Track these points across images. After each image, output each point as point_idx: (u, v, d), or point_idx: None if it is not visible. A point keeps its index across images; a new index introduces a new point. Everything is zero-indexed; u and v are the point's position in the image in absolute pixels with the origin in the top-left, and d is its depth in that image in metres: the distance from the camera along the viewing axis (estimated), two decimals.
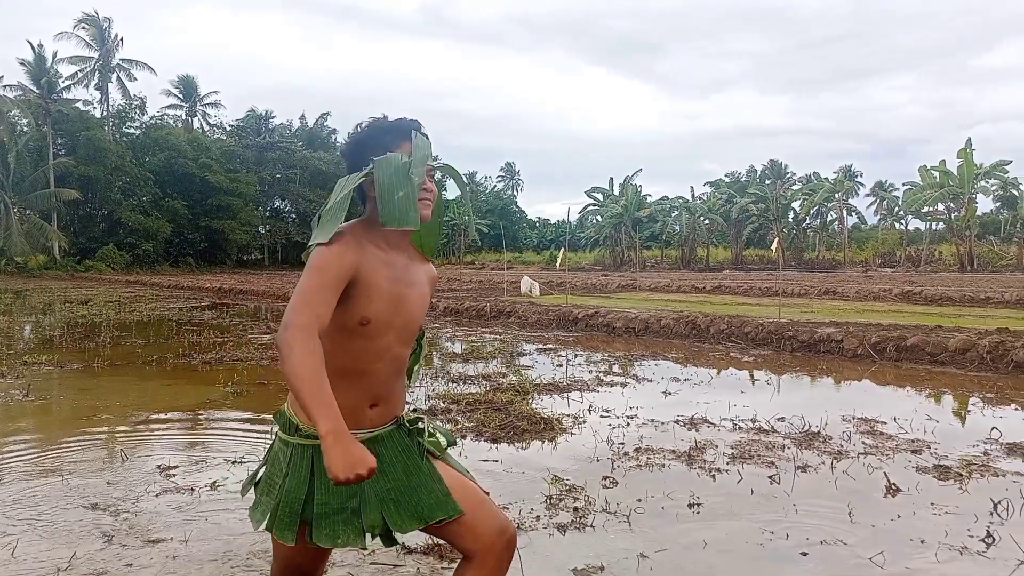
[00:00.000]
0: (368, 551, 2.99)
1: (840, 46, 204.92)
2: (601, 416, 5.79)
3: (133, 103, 50.69)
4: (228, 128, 58.10)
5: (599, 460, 4.56)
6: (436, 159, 2.01)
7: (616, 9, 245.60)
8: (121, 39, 48.46)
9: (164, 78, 72.35)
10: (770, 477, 4.22)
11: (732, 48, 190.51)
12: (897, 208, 48.78)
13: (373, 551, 2.97)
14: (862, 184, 56.19)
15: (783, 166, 62.83)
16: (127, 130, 50.86)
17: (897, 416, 5.66)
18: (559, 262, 20.41)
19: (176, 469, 4.42)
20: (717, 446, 4.87)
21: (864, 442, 4.97)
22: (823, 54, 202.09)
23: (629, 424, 5.52)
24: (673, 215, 53.13)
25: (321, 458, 1.62)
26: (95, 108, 48.88)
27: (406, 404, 2.05)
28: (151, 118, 53.02)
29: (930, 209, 41.39)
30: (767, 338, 9.94)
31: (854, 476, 4.23)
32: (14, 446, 5.09)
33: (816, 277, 29.07)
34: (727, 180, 60.62)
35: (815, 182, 52.46)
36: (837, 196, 48.08)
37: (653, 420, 5.62)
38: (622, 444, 4.92)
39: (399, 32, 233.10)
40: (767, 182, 57.04)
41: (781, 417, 5.64)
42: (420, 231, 1.97)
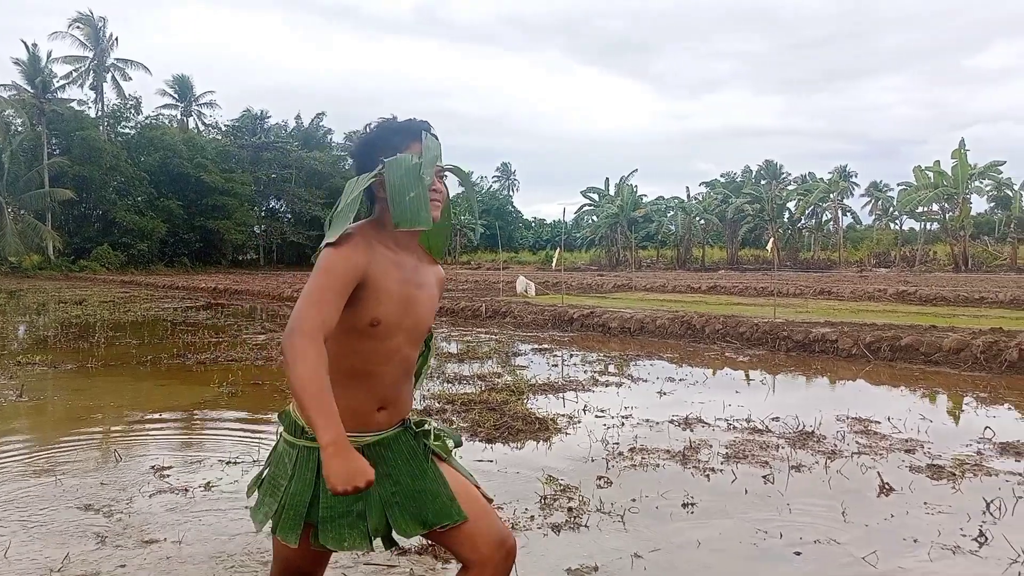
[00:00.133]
0: (369, 552, 2.98)
1: (832, 47, 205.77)
2: (596, 416, 5.80)
3: (128, 103, 50.71)
4: (224, 128, 58.12)
5: (594, 460, 4.57)
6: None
7: (609, 9, 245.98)
8: (116, 39, 48.57)
9: (160, 78, 72.58)
10: (764, 477, 4.23)
11: (725, 48, 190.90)
12: (892, 208, 48.93)
13: (368, 551, 2.97)
14: (857, 184, 56.31)
15: (778, 166, 62.93)
16: (122, 130, 50.76)
17: (891, 416, 5.68)
18: (555, 262, 20.44)
19: (170, 470, 4.41)
20: (711, 446, 4.88)
21: (858, 442, 4.99)
22: (816, 54, 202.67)
23: (624, 424, 5.53)
24: (669, 215, 53.27)
25: None
26: (90, 108, 48.92)
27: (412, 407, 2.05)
28: (146, 118, 53.00)
29: (924, 209, 41.57)
30: (762, 338, 9.96)
31: (848, 476, 4.24)
32: (7, 447, 5.08)
33: (811, 277, 29.18)
34: (722, 180, 60.82)
35: (810, 182, 52.57)
36: (832, 196, 48.24)
37: (648, 420, 5.62)
38: (617, 444, 4.93)
39: (394, 32, 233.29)
40: (763, 182, 57.15)
41: (775, 417, 5.66)
42: (428, 233, 1.96)
